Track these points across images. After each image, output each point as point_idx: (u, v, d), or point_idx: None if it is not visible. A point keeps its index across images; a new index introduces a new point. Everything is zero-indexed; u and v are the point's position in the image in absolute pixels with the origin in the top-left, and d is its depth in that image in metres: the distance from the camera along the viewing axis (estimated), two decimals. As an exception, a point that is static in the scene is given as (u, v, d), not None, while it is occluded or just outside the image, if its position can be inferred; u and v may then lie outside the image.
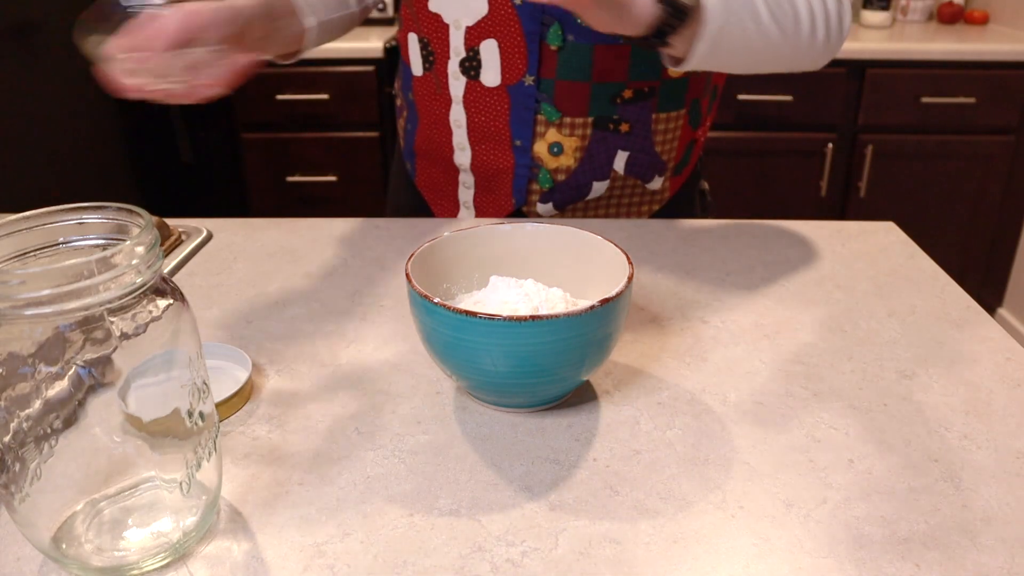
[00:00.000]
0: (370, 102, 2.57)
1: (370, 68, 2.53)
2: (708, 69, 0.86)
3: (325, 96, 2.59)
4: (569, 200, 1.06)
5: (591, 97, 0.98)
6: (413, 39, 1.04)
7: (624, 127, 1.01)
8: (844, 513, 0.55)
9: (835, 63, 2.43)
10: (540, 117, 1.00)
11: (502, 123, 1.01)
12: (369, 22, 2.81)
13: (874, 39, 2.52)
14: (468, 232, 0.73)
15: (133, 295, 0.45)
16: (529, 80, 0.97)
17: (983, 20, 2.82)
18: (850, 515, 0.55)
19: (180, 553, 0.52)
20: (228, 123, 2.63)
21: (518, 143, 1.02)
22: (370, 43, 2.51)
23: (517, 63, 0.97)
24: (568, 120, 1.00)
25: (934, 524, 0.54)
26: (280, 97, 2.59)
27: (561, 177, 1.04)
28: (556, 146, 1.01)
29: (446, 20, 0.98)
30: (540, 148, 1.02)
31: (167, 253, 0.95)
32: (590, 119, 1.00)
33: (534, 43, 0.95)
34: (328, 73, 2.56)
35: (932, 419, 0.65)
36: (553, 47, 0.95)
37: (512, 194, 1.06)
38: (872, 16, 2.76)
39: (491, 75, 0.99)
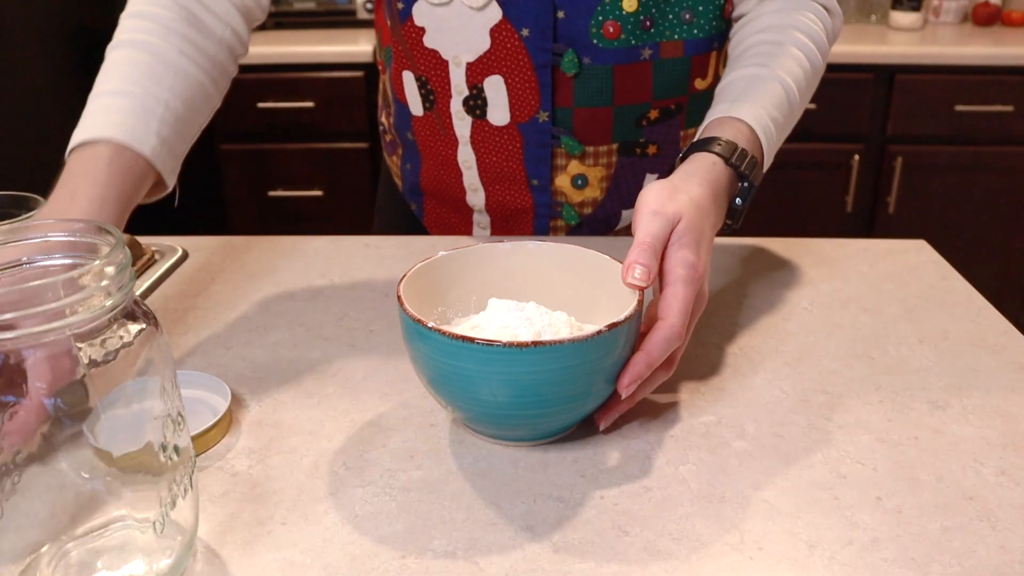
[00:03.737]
0: (359, 110, 2.58)
1: (358, 73, 2.54)
2: None
3: (310, 104, 2.60)
4: (598, 233, 1.07)
5: (614, 122, 0.98)
6: (409, 77, 1.02)
7: (652, 149, 1.01)
8: (872, 555, 0.55)
9: (862, 68, 2.45)
10: (560, 150, 0.99)
11: (516, 163, 1.00)
12: (357, 24, 2.82)
13: (904, 42, 2.53)
14: (465, 251, 0.73)
15: (102, 319, 0.46)
16: (543, 116, 0.96)
17: (1022, 22, 2.84)
18: (878, 557, 0.55)
19: (152, 599, 0.52)
20: (205, 133, 2.63)
21: (535, 182, 1.01)
22: (358, 46, 2.52)
23: (528, 99, 0.96)
24: (591, 150, 0.99)
25: (969, 567, 0.54)
26: (261, 105, 2.60)
27: (588, 211, 1.04)
28: (580, 178, 1.01)
29: (444, 56, 0.96)
30: (563, 182, 1.01)
31: (139, 274, 0.96)
32: (614, 146, 1.00)
33: (546, 76, 0.94)
34: (313, 79, 2.57)
35: (966, 453, 0.66)
36: (569, 74, 0.94)
37: (534, 233, 1.06)
38: (902, 17, 2.77)
39: (499, 113, 0.97)
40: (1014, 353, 0.80)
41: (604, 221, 1.06)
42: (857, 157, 2.56)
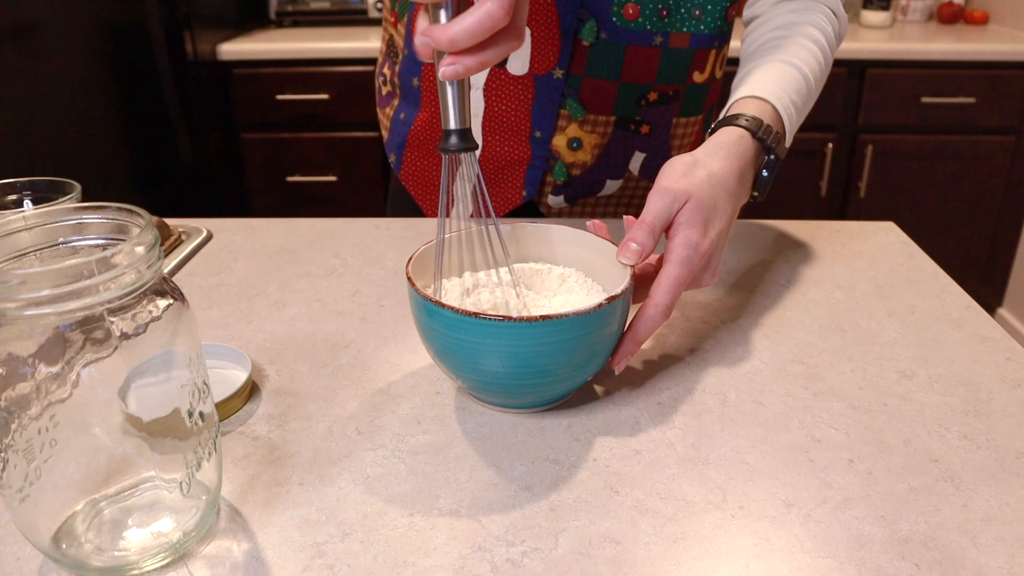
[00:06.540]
0: (370, 102, 2.57)
1: (370, 68, 2.53)
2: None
3: (325, 96, 2.59)
4: (581, 195, 1.06)
5: (617, 97, 0.98)
6: None
7: (644, 128, 1.01)
8: (844, 513, 0.55)
9: (836, 63, 2.43)
10: (564, 111, 0.99)
11: (523, 113, 1.00)
12: (368, 22, 2.81)
13: (874, 39, 2.51)
14: (468, 232, 0.73)
15: (133, 295, 0.45)
16: (558, 73, 0.96)
17: (983, 20, 2.82)
18: (850, 515, 0.55)
19: (180, 553, 0.52)
20: (228, 123, 2.63)
21: (538, 134, 1.01)
22: (370, 43, 2.51)
23: (548, 55, 0.95)
24: (592, 117, 0.99)
25: (934, 524, 0.54)
26: (280, 97, 2.59)
27: (576, 172, 1.04)
28: (576, 141, 1.01)
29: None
30: (559, 142, 1.01)
31: (167, 253, 0.95)
32: (613, 118, 0.99)
33: (568, 37, 0.94)
34: (328, 73, 2.56)
35: (932, 419, 0.65)
36: (586, 43, 0.94)
37: (524, 186, 1.05)
38: (872, 16, 2.75)
39: (519, 63, 0.97)
40: (975, 326, 0.80)
41: (589, 186, 1.05)
42: (831, 145, 2.55)
